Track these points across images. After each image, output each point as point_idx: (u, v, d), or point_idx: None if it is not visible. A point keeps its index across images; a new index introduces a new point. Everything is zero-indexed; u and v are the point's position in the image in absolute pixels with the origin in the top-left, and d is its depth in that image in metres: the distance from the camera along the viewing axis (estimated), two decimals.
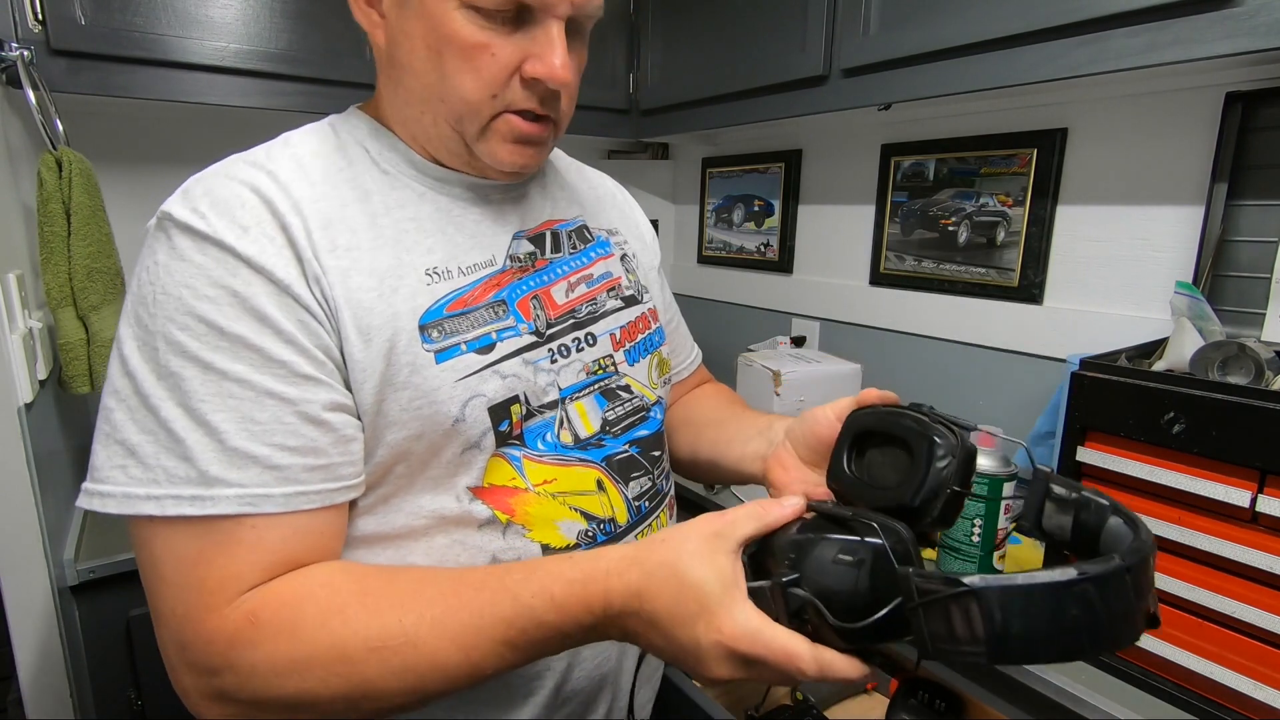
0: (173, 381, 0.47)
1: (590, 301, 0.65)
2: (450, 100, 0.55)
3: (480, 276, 0.59)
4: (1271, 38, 0.79)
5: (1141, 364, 0.91)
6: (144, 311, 0.49)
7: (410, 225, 0.57)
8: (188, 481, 0.47)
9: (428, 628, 0.46)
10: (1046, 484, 0.48)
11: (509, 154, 0.57)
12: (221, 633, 0.46)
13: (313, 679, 0.46)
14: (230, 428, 0.47)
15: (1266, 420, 0.68)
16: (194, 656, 0.47)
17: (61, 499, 1.14)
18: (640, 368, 0.68)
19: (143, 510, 0.47)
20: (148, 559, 0.49)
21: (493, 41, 0.53)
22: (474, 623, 0.47)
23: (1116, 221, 1.20)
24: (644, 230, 0.80)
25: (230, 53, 1.26)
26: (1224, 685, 0.74)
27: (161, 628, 0.49)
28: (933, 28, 1.09)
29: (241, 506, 0.47)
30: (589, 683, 0.64)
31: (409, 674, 0.46)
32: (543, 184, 0.68)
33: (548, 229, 0.65)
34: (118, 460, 0.48)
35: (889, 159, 1.52)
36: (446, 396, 0.54)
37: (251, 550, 0.48)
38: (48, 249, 1.08)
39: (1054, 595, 0.36)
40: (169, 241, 0.49)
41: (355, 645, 0.46)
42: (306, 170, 0.54)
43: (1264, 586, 0.71)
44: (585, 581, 0.47)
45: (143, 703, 1.11)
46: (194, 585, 0.47)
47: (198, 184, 0.52)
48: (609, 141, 2.08)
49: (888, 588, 0.41)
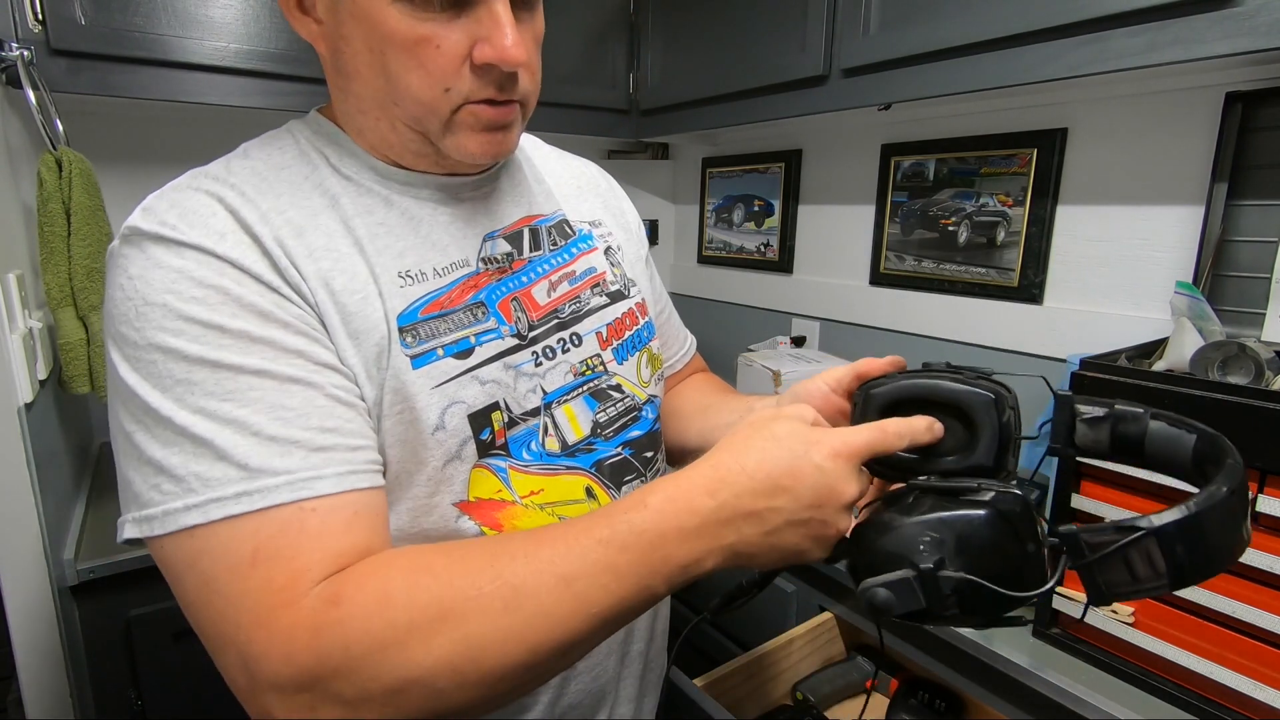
0: (182, 389, 0.44)
1: (573, 300, 0.63)
2: (404, 102, 0.51)
3: (456, 278, 0.56)
4: (1271, 38, 0.79)
5: (1141, 364, 0.91)
6: (128, 329, 0.45)
7: (380, 229, 0.54)
8: (227, 481, 0.43)
9: (522, 564, 0.42)
10: (1071, 406, 0.48)
11: (479, 145, 0.54)
12: (301, 625, 0.41)
13: (416, 647, 0.40)
14: (261, 419, 0.44)
15: (1266, 420, 0.68)
16: (273, 668, 0.40)
17: (61, 499, 1.14)
18: (629, 365, 0.66)
19: (185, 522, 0.43)
20: (197, 581, 0.43)
21: (434, 33, 0.49)
22: (569, 549, 0.43)
23: (1116, 221, 1.20)
24: (630, 219, 0.77)
25: (230, 53, 1.26)
26: (1224, 685, 0.74)
27: (224, 653, 0.42)
28: (933, 28, 1.09)
29: (296, 492, 0.43)
30: (585, 697, 0.62)
31: (513, 620, 0.41)
32: (518, 178, 0.65)
33: (525, 226, 0.63)
34: (150, 480, 0.44)
35: (889, 159, 1.52)
36: (424, 404, 0.52)
37: (316, 538, 0.43)
38: (48, 249, 1.08)
39: (1214, 514, 0.39)
40: (141, 254, 0.46)
41: (452, 598, 0.41)
42: (270, 182, 0.52)
43: (1264, 586, 0.71)
44: (679, 481, 0.45)
45: (143, 703, 1.11)
46: (257, 588, 0.42)
47: (159, 200, 0.49)
48: (609, 141, 2.08)
49: (1035, 548, 0.42)
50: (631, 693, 0.68)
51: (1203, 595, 0.74)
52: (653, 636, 0.70)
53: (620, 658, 0.66)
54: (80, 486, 1.32)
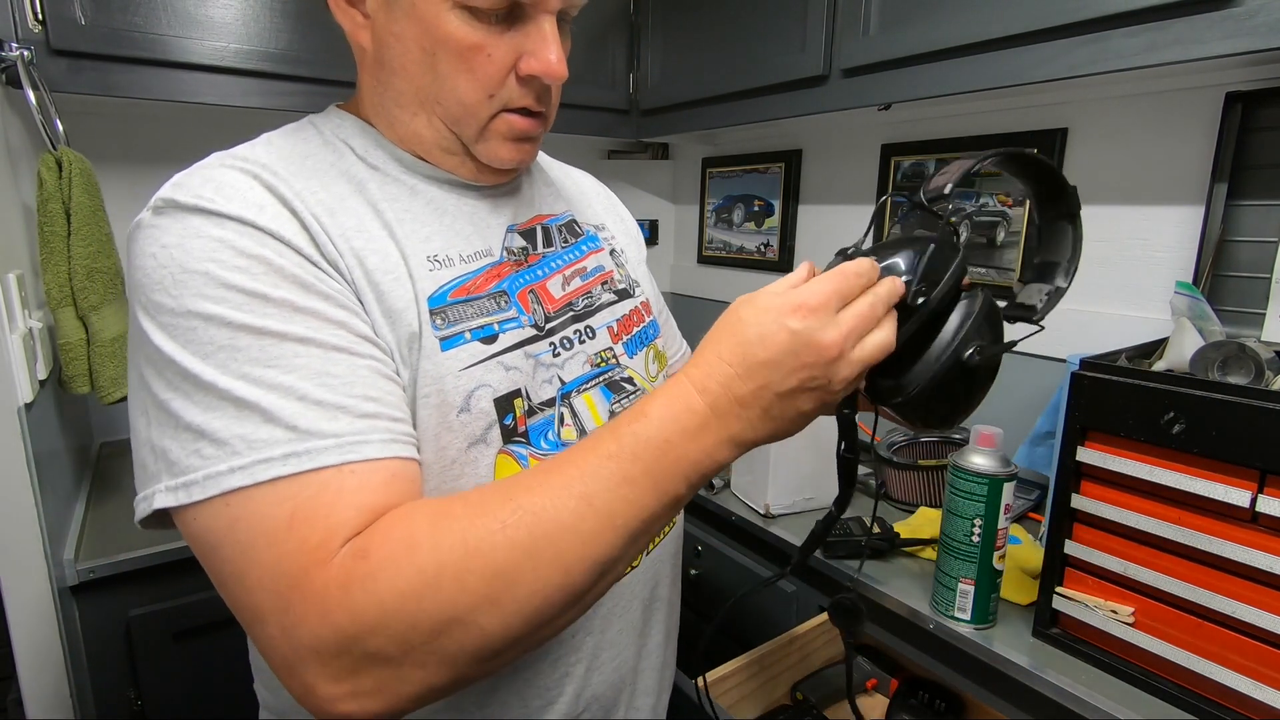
0: (224, 355, 0.43)
1: (586, 294, 0.64)
2: (446, 103, 0.54)
3: (481, 266, 0.57)
4: (1271, 38, 0.79)
5: (1141, 364, 0.91)
6: (163, 297, 0.44)
7: (406, 215, 0.55)
8: (274, 442, 0.42)
9: (540, 494, 0.42)
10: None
11: (509, 152, 0.57)
12: (333, 583, 0.40)
13: (448, 586, 0.40)
14: (306, 385, 0.43)
15: (1266, 420, 0.68)
16: (312, 631, 0.39)
17: (61, 499, 1.14)
18: (639, 360, 0.67)
19: (228, 484, 0.41)
20: (233, 551, 0.42)
21: (487, 41, 0.52)
22: (582, 471, 0.43)
23: (1116, 221, 1.20)
24: (629, 225, 0.80)
25: (230, 53, 1.26)
26: (1224, 685, 0.74)
27: (263, 626, 0.41)
28: (933, 28, 1.09)
29: (344, 455, 0.43)
30: (607, 688, 0.63)
31: (542, 545, 0.41)
32: (530, 181, 0.67)
33: (538, 224, 0.65)
34: (190, 446, 0.42)
35: (889, 159, 1.52)
36: (452, 386, 0.52)
37: (355, 494, 0.43)
38: (48, 249, 1.08)
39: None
40: (178, 223, 0.45)
41: (478, 534, 0.41)
42: (298, 166, 0.53)
43: (1264, 586, 0.71)
44: (672, 385, 0.45)
45: (143, 703, 1.11)
46: (293, 550, 0.40)
47: (190, 176, 0.48)
48: (609, 141, 2.07)
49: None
50: (650, 685, 0.69)
51: (1203, 595, 0.74)
52: (669, 632, 0.72)
53: (638, 650, 0.66)
54: (80, 486, 1.32)
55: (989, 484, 0.87)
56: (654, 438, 0.43)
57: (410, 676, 0.40)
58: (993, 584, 0.90)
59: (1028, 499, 1.25)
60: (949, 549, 0.91)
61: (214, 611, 1.13)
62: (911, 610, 0.97)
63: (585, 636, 0.60)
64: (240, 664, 0.66)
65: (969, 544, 0.89)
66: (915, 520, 1.19)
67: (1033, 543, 1.11)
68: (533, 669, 0.58)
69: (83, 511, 1.23)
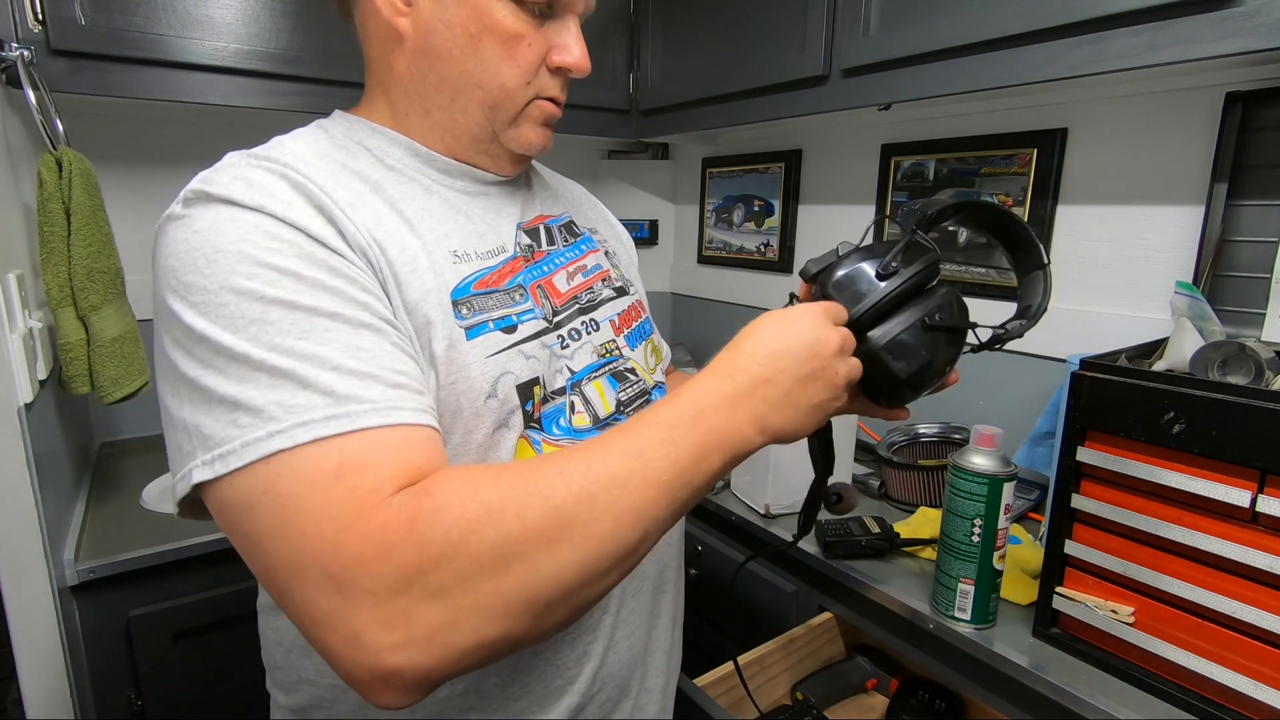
0: (256, 328, 0.43)
1: (589, 290, 0.68)
2: (488, 87, 0.58)
3: (498, 261, 0.61)
4: (1271, 38, 0.79)
5: (1141, 364, 0.91)
6: (194, 276, 0.45)
7: (423, 213, 0.58)
8: (313, 406, 0.42)
9: (586, 455, 0.45)
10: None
11: (539, 136, 0.62)
12: (396, 519, 0.40)
13: (510, 519, 0.41)
14: (339, 356, 0.44)
15: (1266, 420, 0.68)
16: (368, 569, 0.39)
17: (61, 499, 1.14)
18: (640, 352, 0.71)
19: (267, 449, 0.41)
20: (271, 506, 0.41)
21: (528, 32, 0.57)
22: (625, 435, 0.46)
23: (1116, 221, 1.20)
24: (619, 230, 0.84)
25: (230, 53, 1.26)
26: (1224, 685, 0.74)
27: (303, 578, 0.40)
28: (933, 28, 1.09)
29: (384, 418, 0.44)
30: (621, 667, 0.66)
31: (596, 490, 0.43)
32: (529, 183, 0.71)
33: (540, 223, 0.68)
34: (225, 418, 0.42)
35: (889, 159, 1.52)
36: (478, 373, 0.55)
37: (400, 451, 0.43)
38: (48, 249, 1.08)
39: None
40: (210, 211, 0.47)
41: (535, 477, 0.43)
42: (314, 165, 0.54)
43: (1264, 586, 0.71)
44: (699, 375, 0.51)
45: (143, 703, 1.11)
46: (342, 497, 0.40)
47: (217, 173, 0.49)
48: (609, 141, 2.07)
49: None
50: (660, 666, 0.72)
51: (1203, 595, 0.74)
52: (675, 616, 0.75)
53: (649, 631, 0.69)
54: (80, 486, 1.32)
55: (989, 484, 0.87)
56: (687, 409, 0.48)
57: (465, 624, 0.40)
58: (993, 584, 0.90)
59: (1028, 499, 1.26)
60: (949, 549, 0.91)
61: (214, 611, 1.13)
62: (911, 610, 0.97)
63: (603, 616, 0.63)
64: (240, 664, 0.66)
65: (969, 544, 0.89)
66: (915, 520, 1.19)
67: (1033, 543, 1.11)
68: (554, 649, 0.61)
69: (83, 511, 1.23)
